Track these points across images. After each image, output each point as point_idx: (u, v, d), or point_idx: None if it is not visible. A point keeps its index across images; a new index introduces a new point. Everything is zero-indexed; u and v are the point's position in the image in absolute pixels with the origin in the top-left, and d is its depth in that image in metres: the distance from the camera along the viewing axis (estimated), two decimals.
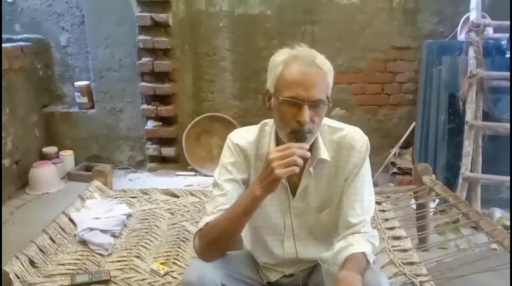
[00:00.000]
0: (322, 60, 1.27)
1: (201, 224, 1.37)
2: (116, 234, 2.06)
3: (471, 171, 3.08)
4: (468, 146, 3.08)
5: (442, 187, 2.44)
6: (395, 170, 3.70)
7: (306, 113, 1.23)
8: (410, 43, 3.66)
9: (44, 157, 3.81)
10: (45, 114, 3.94)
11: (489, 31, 3.31)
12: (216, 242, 1.34)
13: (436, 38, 3.59)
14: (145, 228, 2.17)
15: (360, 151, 1.40)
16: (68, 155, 3.89)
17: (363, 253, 1.32)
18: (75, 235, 1.99)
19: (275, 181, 1.20)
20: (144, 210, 2.35)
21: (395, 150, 3.75)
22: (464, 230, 2.89)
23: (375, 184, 3.61)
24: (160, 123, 3.80)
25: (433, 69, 3.45)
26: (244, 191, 1.41)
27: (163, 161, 3.90)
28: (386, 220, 2.26)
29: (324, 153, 1.39)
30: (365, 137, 1.42)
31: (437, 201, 2.99)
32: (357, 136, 1.41)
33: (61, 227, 2.02)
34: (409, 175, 3.61)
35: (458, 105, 3.17)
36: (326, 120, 1.42)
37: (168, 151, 3.84)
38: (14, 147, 3.52)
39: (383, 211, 2.35)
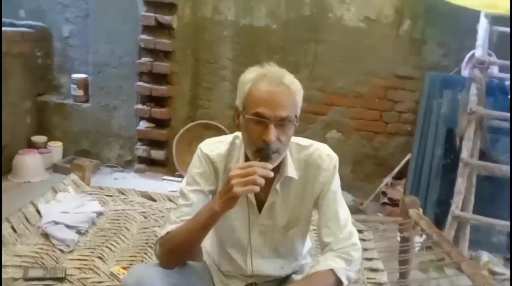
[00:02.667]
0: (290, 80, 1.27)
1: (163, 232, 1.36)
2: (82, 231, 1.99)
3: (461, 210, 3.00)
4: (461, 184, 3.01)
5: (428, 222, 2.36)
6: (385, 200, 3.62)
7: (272, 132, 1.21)
8: (413, 73, 3.61)
9: (32, 146, 3.74)
10: (38, 103, 3.88)
11: (494, 69, 3.27)
12: (175, 252, 1.33)
13: (440, 70, 3.55)
14: (114, 229, 2.10)
15: (327, 170, 1.38)
16: (56, 146, 3.82)
17: (331, 270, 1.30)
18: (39, 227, 1.91)
19: (233, 198, 1.19)
20: (117, 210, 2.27)
21: (388, 179, 3.67)
22: (448, 270, 2.81)
23: (363, 212, 3.52)
24: (153, 125, 3.73)
25: (433, 102, 3.40)
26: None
27: (151, 163, 3.82)
28: (365, 250, 2.18)
29: (291, 171, 1.37)
30: (333, 155, 1.41)
31: (424, 236, 2.90)
32: (324, 155, 1.40)
33: (26, 217, 1.95)
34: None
35: (455, 141, 3.13)
36: (295, 138, 1.40)
37: (157, 154, 3.78)
38: (2, 131, 3.45)
39: (363, 240, 2.27)
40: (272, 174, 1.20)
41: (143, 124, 3.73)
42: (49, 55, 4.00)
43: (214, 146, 1.43)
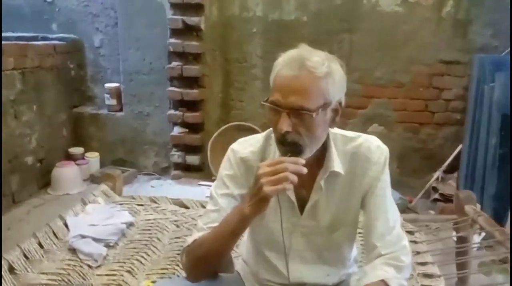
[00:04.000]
0: (316, 63, 1.09)
1: (190, 240, 1.24)
2: (111, 244, 1.90)
3: None
4: None
5: (487, 219, 2.11)
6: (436, 196, 3.35)
7: (284, 121, 1.09)
8: (459, 57, 3.34)
9: (69, 157, 3.76)
10: (74, 115, 3.91)
11: None
12: (202, 261, 1.22)
13: (489, 53, 3.26)
14: (145, 240, 2.00)
15: (377, 163, 1.24)
16: (93, 157, 3.83)
17: (382, 281, 1.17)
18: (66, 242, 1.84)
19: (264, 199, 1.06)
20: (149, 220, 2.18)
21: (438, 174, 3.41)
22: None
23: (413, 210, 3.28)
24: (187, 130, 3.66)
25: (484, 87, 3.11)
26: None
27: (187, 169, 3.75)
28: (418, 253, 1.97)
29: (337, 165, 1.22)
30: (383, 148, 1.25)
31: (483, 234, 2.64)
32: (373, 147, 1.24)
33: (53, 232, 1.88)
34: (452, 202, 3.26)
35: (510, 126, 2.82)
36: (340, 130, 1.27)
37: (193, 159, 3.69)
38: (39, 145, 3.48)
39: (415, 242, 2.06)
40: (305, 170, 1.06)
41: (176, 130, 3.67)
42: (81, 66, 4.02)
43: (247, 144, 1.31)
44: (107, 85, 3.85)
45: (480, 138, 3.13)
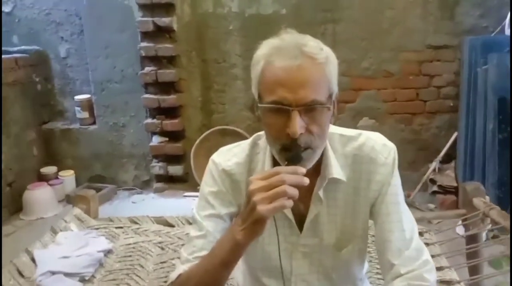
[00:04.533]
0: (314, 47, 0.93)
1: (173, 276, 1.06)
2: (87, 278, 1.67)
3: None
4: None
5: (501, 212, 1.93)
6: (435, 188, 3.20)
7: (297, 122, 0.91)
8: (448, 40, 3.18)
9: (42, 178, 3.50)
10: (44, 131, 3.65)
11: None
12: None
13: (479, 34, 3.10)
14: (126, 269, 1.77)
15: (384, 165, 1.05)
16: (68, 175, 3.58)
17: None
18: (34, 281, 1.60)
19: (259, 221, 0.89)
20: (129, 244, 1.94)
21: (435, 164, 3.25)
22: None
23: (412, 205, 3.10)
24: (166, 139, 3.44)
25: (477, 70, 2.96)
26: None
27: (170, 180, 3.52)
28: (432, 256, 1.76)
29: (336, 171, 1.04)
30: (390, 146, 1.08)
31: (489, 225, 2.47)
32: (378, 146, 1.06)
33: (18, 270, 1.63)
34: (452, 194, 3.13)
35: (511, 111, 2.67)
36: (336, 128, 1.09)
37: (175, 169, 3.47)
38: (7, 167, 3.21)
39: (426, 244, 1.85)
40: (307, 181, 0.88)
41: (155, 140, 3.44)
42: (48, 79, 3.76)
43: (230, 154, 1.12)
44: (77, 97, 3.61)
45: (477, 125, 2.98)
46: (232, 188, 1.09)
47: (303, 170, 0.88)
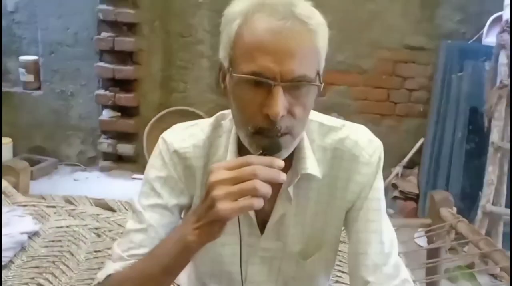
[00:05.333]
0: (307, 10, 0.76)
1: (101, 276, 0.87)
2: (3, 263, 1.41)
3: (493, 204, 2.51)
4: (491, 173, 2.56)
5: (469, 226, 1.83)
6: (396, 193, 3.12)
7: (280, 101, 0.73)
8: (425, 43, 3.10)
9: None
10: None
11: None
12: None
13: (457, 39, 3.03)
14: (53, 255, 1.52)
15: (368, 164, 0.89)
16: (5, 143, 3.22)
17: None
18: None
19: (217, 222, 0.71)
20: (60, 227, 1.69)
21: (398, 169, 3.17)
22: (481, 278, 2.34)
23: None
24: (119, 114, 3.17)
25: (452, 76, 2.90)
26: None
27: (119, 159, 3.27)
28: None
29: (311, 166, 0.87)
30: (377, 142, 0.92)
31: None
32: (363, 141, 0.90)
33: None
34: (413, 200, 3.07)
35: (481, 121, 2.66)
36: (316, 115, 0.92)
37: (125, 148, 3.21)
38: None
39: None
40: (284, 177, 0.71)
41: (106, 114, 3.16)
42: None
43: (186, 133, 0.91)
44: (23, 58, 3.27)
45: (445, 132, 2.92)
46: (185, 175, 0.89)
47: (281, 163, 0.70)
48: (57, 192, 2.76)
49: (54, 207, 1.82)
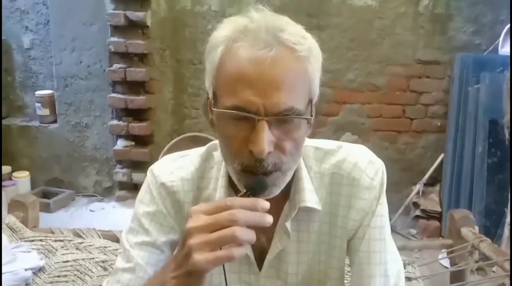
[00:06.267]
0: (295, 35, 0.70)
1: None
2: None
3: None
4: None
5: (492, 246, 1.72)
6: (418, 212, 3.00)
7: (265, 137, 0.67)
8: (439, 56, 3.01)
9: None
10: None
11: None
12: None
13: (472, 51, 2.94)
14: None
15: (369, 188, 0.82)
16: (23, 177, 3.27)
17: None
18: None
19: (194, 274, 0.65)
20: (67, 262, 1.66)
21: (419, 187, 3.05)
22: None
23: (393, 230, 2.89)
24: (133, 143, 3.16)
25: (468, 89, 2.80)
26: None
27: (135, 188, 3.24)
28: None
29: (310, 198, 0.80)
30: (378, 163, 0.85)
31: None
32: (363, 163, 0.83)
33: None
34: (436, 219, 2.94)
35: (502, 134, 2.53)
36: (310, 140, 0.86)
37: (140, 177, 3.18)
38: None
39: (409, 279, 1.63)
40: (270, 220, 0.64)
41: (120, 144, 3.16)
42: (9, 71, 3.47)
43: (174, 165, 0.86)
44: (38, 92, 3.31)
45: (465, 147, 2.80)
46: (174, 210, 0.84)
47: (266, 205, 0.64)
48: (73, 223, 2.77)
49: (62, 240, 1.80)
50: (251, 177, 0.70)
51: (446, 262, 2.27)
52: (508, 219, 2.40)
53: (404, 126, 3.13)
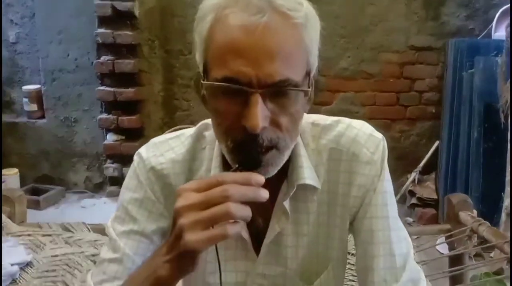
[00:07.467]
0: (289, 1, 0.64)
1: None
2: None
3: None
4: None
5: (491, 229, 1.69)
6: (414, 200, 2.98)
7: (259, 111, 0.62)
8: (432, 42, 2.99)
9: None
10: None
11: None
12: None
13: (465, 36, 2.91)
14: None
15: (370, 163, 0.77)
16: (12, 174, 3.19)
17: None
18: None
19: (187, 256, 0.60)
20: (55, 256, 1.60)
21: (414, 175, 3.03)
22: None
23: None
24: (123, 137, 3.10)
25: (462, 74, 2.77)
26: None
27: None
28: None
29: (309, 175, 0.76)
30: (378, 136, 0.79)
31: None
32: (362, 137, 0.78)
33: None
34: (432, 207, 2.92)
35: (498, 118, 2.52)
36: (307, 116, 0.80)
37: None
38: None
39: None
40: (266, 195, 0.60)
41: (110, 138, 3.10)
42: None
43: (163, 147, 0.81)
44: (26, 87, 3.25)
45: (461, 133, 2.78)
46: (164, 195, 0.79)
47: (260, 179, 0.59)
48: (64, 220, 2.70)
49: (50, 235, 1.74)
50: (245, 154, 0.65)
51: (443, 249, 2.25)
52: (505, 203, 2.37)
53: (399, 114, 3.11)
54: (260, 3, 0.62)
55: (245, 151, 0.65)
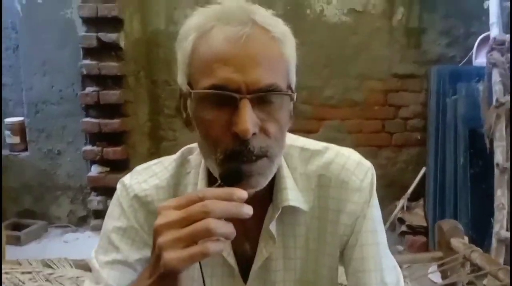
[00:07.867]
0: (268, 18, 0.68)
1: None
2: None
3: (507, 229, 2.35)
4: (501, 196, 2.39)
5: (484, 255, 1.67)
6: (403, 228, 2.95)
7: (249, 116, 0.63)
8: (415, 69, 3.05)
9: None
10: None
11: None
12: None
13: (447, 63, 2.99)
14: None
15: (359, 190, 0.77)
16: None
17: None
18: None
19: (167, 277, 0.57)
20: None
21: (403, 202, 3.02)
22: None
23: None
24: (108, 168, 3.04)
25: (446, 100, 2.80)
26: None
27: None
28: None
29: (293, 196, 0.75)
30: (367, 165, 0.80)
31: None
32: (351, 164, 0.78)
33: None
34: (423, 234, 2.90)
35: (483, 143, 2.52)
36: (295, 139, 0.81)
37: None
38: None
39: None
40: (250, 211, 0.58)
41: (95, 170, 3.04)
42: None
43: (147, 173, 0.82)
44: (8, 120, 3.20)
45: (447, 159, 2.79)
46: (148, 223, 0.77)
47: (243, 194, 0.57)
48: (46, 256, 2.61)
49: (30, 272, 1.67)
50: (233, 165, 0.64)
51: (436, 277, 2.21)
52: (496, 229, 2.36)
53: (385, 141, 3.14)
54: (241, 18, 0.65)
55: (235, 162, 0.64)
